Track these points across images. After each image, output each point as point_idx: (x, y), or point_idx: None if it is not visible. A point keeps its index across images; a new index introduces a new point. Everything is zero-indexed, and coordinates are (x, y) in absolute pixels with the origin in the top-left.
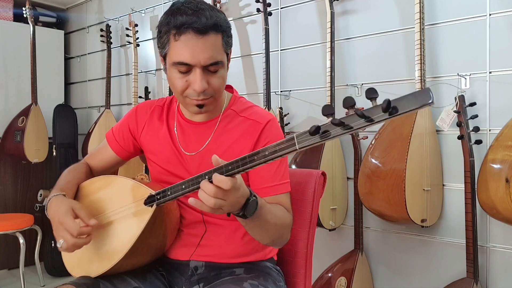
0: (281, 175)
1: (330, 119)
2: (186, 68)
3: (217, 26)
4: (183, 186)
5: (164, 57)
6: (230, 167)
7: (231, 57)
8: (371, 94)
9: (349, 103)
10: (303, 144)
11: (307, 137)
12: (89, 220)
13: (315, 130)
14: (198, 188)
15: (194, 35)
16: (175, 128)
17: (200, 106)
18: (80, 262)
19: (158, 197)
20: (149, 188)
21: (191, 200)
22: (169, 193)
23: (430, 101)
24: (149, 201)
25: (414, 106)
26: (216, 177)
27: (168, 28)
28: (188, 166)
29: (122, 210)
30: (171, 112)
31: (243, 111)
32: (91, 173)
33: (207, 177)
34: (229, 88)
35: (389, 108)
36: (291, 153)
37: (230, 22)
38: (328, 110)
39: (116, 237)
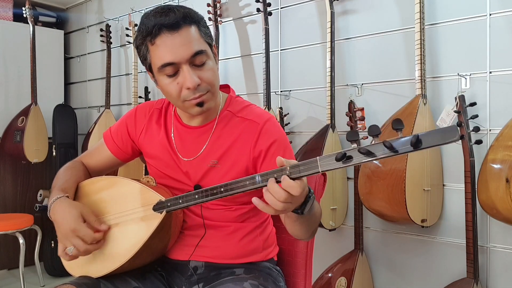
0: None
1: (354, 145)
2: (173, 69)
3: (187, 18)
4: (196, 196)
5: (150, 69)
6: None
7: (217, 51)
8: (398, 125)
9: (374, 131)
10: (325, 168)
11: (331, 161)
12: (99, 225)
13: (341, 157)
14: (211, 199)
15: (168, 33)
16: (172, 134)
17: (200, 104)
18: (81, 263)
19: (169, 204)
20: (158, 193)
21: (254, 201)
22: (180, 201)
23: (456, 139)
24: (158, 207)
25: (439, 142)
26: (286, 181)
27: (143, 37)
28: (186, 170)
29: (129, 213)
30: (168, 116)
31: (239, 111)
32: (89, 173)
33: (275, 175)
34: (226, 87)
35: (418, 143)
36: (313, 174)
37: (230, 21)
38: (353, 136)
39: (121, 240)
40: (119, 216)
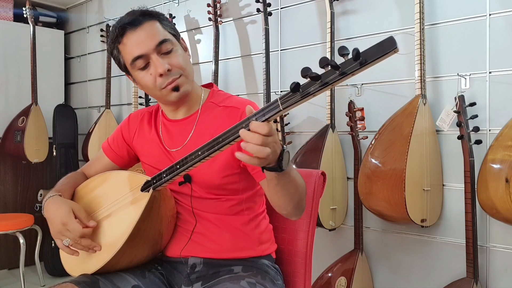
0: None
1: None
2: (143, 61)
3: (147, 15)
4: (178, 166)
5: (126, 70)
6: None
7: (186, 45)
8: (343, 51)
9: (324, 61)
10: (286, 104)
11: (289, 96)
12: (88, 221)
13: (295, 87)
14: (193, 164)
15: (132, 30)
16: (160, 130)
17: (175, 89)
18: (79, 261)
19: (154, 181)
20: (145, 175)
21: (237, 154)
22: (164, 175)
23: (395, 47)
24: (145, 186)
25: (381, 54)
26: (253, 123)
27: (112, 42)
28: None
29: (119, 200)
30: (157, 117)
31: (221, 101)
32: None
33: (243, 125)
34: (210, 85)
35: (359, 56)
36: (277, 114)
37: (230, 21)
38: (306, 71)
39: (114, 227)
40: (111, 206)
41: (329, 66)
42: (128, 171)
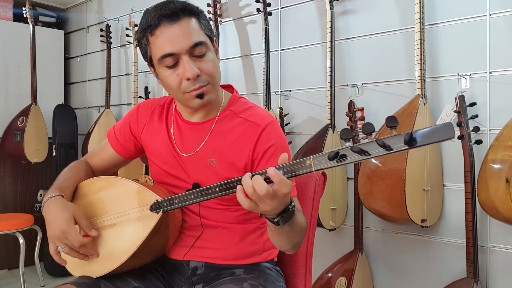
0: None
1: (348, 143)
2: (173, 60)
3: (187, 10)
4: (192, 196)
5: (151, 62)
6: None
7: (218, 47)
8: (392, 123)
9: (368, 129)
10: (319, 167)
11: (324, 160)
12: (90, 231)
13: (334, 156)
14: (207, 199)
15: (168, 23)
16: (172, 130)
17: (200, 96)
18: (81, 262)
19: (165, 204)
20: (154, 193)
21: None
22: (176, 201)
23: (452, 137)
24: (155, 207)
25: (434, 140)
26: (257, 179)
27: (143, 30)
28: (185, 167)
29: (126, 213)
30: (170, 112)
31: (242, 112)
32: (93, 172)
33: (266, 175)
34: (229, 88)
35: (411, 141)
36: (307, 173)
37: (230, 21)
38: (347, 135)
39: (119, 240)
40: (117, 217)
41: (372, 136)
42: (137, 184)
